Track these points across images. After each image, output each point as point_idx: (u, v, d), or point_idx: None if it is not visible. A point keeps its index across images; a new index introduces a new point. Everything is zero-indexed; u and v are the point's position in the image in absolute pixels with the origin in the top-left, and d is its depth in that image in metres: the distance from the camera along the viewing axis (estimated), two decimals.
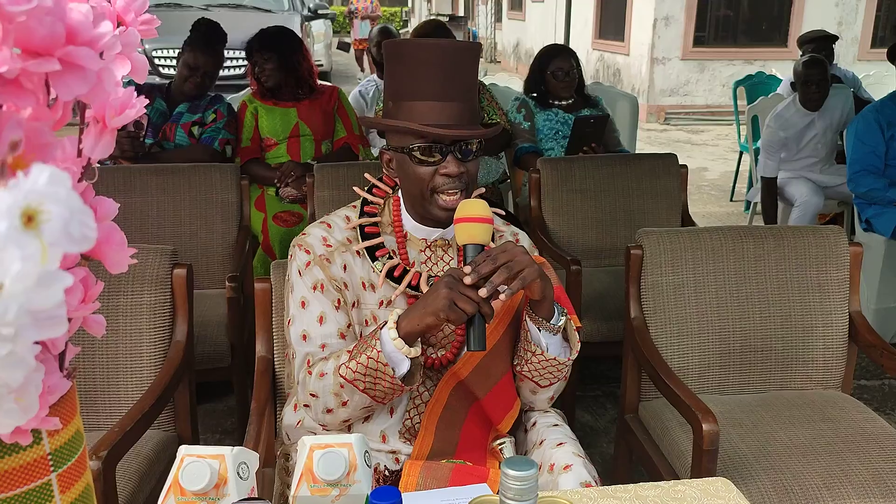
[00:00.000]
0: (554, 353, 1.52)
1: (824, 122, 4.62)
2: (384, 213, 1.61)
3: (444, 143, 1.47)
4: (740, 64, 10.80)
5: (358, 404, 1.46)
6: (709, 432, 1.76)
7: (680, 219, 3.40)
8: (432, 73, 1.45)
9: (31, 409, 0.54)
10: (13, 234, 0.40)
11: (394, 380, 1.40)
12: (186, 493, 0.92)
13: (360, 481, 0.94)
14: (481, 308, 1.34)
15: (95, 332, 0.67)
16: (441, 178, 1.48)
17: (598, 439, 3.02)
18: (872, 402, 3.24)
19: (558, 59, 3.92)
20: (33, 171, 0.41)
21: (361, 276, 1.55)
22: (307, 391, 1.49)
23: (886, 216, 3.68)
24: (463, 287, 1.34)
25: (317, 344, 1.52)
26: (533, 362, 1.54)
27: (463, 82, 1.49)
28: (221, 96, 3.70)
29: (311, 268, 1.55)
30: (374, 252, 1.56)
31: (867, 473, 1.88)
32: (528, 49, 15.44)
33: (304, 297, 1.54)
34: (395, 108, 1.50)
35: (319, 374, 1.47)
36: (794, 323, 2.26)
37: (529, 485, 0.77)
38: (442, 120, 1.46)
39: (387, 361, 1.39)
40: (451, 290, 1.34)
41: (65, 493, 0.65)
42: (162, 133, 3.52)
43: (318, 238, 1.57)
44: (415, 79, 1.47)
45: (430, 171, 1.48)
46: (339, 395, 1.45)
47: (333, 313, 1.53)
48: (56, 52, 0.47)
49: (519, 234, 1.70)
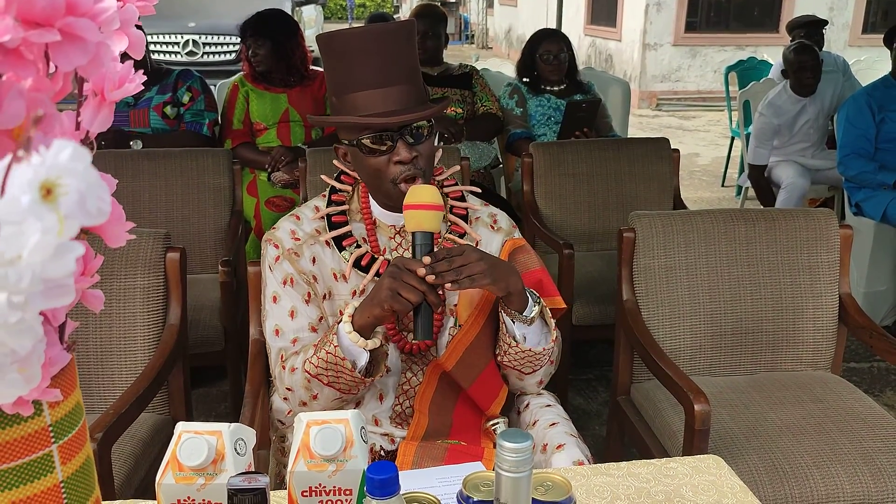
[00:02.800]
0: (531, 344, 1.51)
1: (816, 106, 4.63)
2: (353, 201, 1.59)
3: (391, 131, 1.44)
4: (732, 49, 10.81)
5: (328, 397, 1.46)
6: (700, 412, 1.78)
7: (672, 203, 3.41)
8: (368, 60, 1.42)
9: (33, 380, 0.55)
10: (34, 206, 0.41)
11: (353, 373, 1.40)
12: (184, 468, 0.93)
13: (357, 457, 0.95)
14: (427, 297, 1.33)
15: (94, 307, 0.67)
16: (395, 167, 1.46)
17: (591, 422, 3.05)
18: (862, 384, 3.27)
19: (548, 42, 3.92)
20: (55, 146, 0.42)
21: (332, 266, 1.54)
22: (283, 386, 1.50)
23: (876, 200, 3.70)
24: (407, 276, 1.33)
25: (289, 339, 1.51)
26: (511, 353, 1.53)
27: (402, 64, 1.45)
28: (190, 71, 3.63)
29: (281, 262, 1.54)
30: (341, 242, 1.54)
31: (856, 453, 1.91)
32: (521, 35, 15.41)
33: (275, 292, 1.54)
34: (340, 103, 1.47)
35: (291, 369, 1.47)
36: (785, 305, 2.28)
37: (525, 456, 0.78)
38: (387, 107, 1.43)
39: (344, 356, 1.38)
40: (394, 279, 1.33)
41: (65, 464, 0.65)
42: (132, 122, 3.45)
43: (286, 232, 1.56)
44: (351, 69, 1.43)
45: (384, 161, 1.46)
46: (308, 388, 1.45)
47: (304, 307, 1.52)
48: (56, 23, 0.47)
49: (497, 215, 1.68)
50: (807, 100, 4.60)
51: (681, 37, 10.95)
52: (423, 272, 1.33)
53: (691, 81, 11.13)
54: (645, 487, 1.24)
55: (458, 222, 1.59)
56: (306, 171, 3.00)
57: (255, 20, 3.62)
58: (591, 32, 12.69)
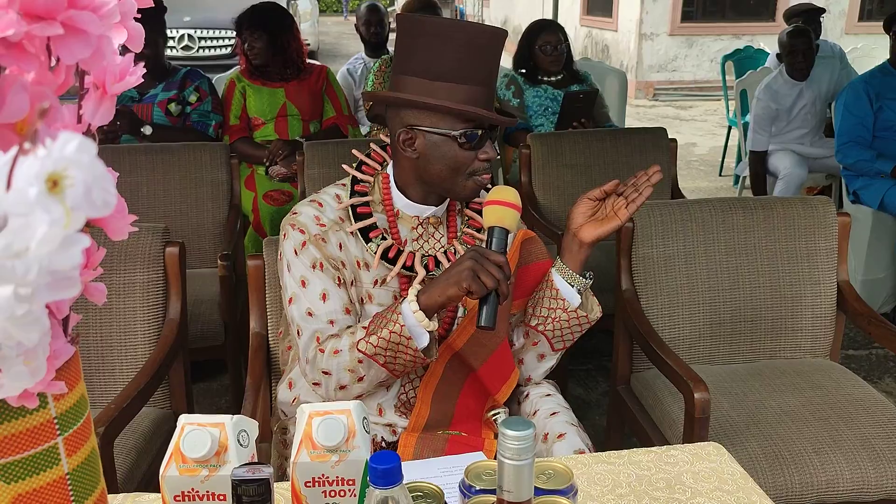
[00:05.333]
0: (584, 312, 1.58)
1: (812, 91, 4.64)
2: (374, 191, 1.60)
3: (484, 128, 1.48)
4: (728, 39, 10.79)
5: (374, 379, 1.47)
6: (700, 400, 1.78)
7: (670, 193, 3.42)
8: (469, 55, 1.44)
9: (38, 372, 0.55)
10: (41, 198, 0.41)
11: (416, 352, 1.42)
12: (188, 460, 0.94)
13: (360, 447, 0.95)
14: (500, 286, 1.36)
15: (97, 300, 0.68)
16: (479, 163, 1.50)
17: (591, 412, 3.06)
18: (860, 371, 3.28)
19: (546, 33, 3.92)
20: (61, 138, 0.42)
21: (356, 255, 1.55)
22: (318, 368, 1.48)
23: (874, 188, 3.71)
24: (487, 262, 1.37)
25: (324, 320, 1.50)
26: (561, 319, 1.58)
27: (492, 67, 1.50)
28: (198, 71, 3.61)
29: (308, 247, 1.53)
30: (367, 233, 1.55)
31: (855, 439, 1.92)
32: (517, 26, 15.36)
33: (303, 276, 1.53)
34: (416, 85, 1.45)
35: (333, 351, 1.46)
36: (783, 293, 2.29)
37: (527, 444, 0.79)
38: (481, 104, 1.46)
39: (410, 335, 1.41)
40: (475, 262, 1.37)
41: (71, 456, 0.66)
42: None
43: (310, 217, 1.55)
44: (444, 58, 1.44)
45: (472, 156, 1.48)
46: (354, 370, 1.45)
47: (336, 290, 1.52)
48: (58, 16, 0.47)
49: None
50: (803, 84, 4.62)
51: (677, 26, 10.93)
52: (502, 260, 1.37)
53: (688, 71, 11.11)
54: (646, 475, 1.24)
55: (475, 217, 1.61)
56: (304, 165, 3.00)
57: (250, 14, 3.60)
58: (588, 23, 12.65)
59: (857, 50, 7.31)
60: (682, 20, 10.94)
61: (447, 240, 1.60)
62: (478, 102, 1.45)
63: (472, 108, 1.44)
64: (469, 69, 1.44)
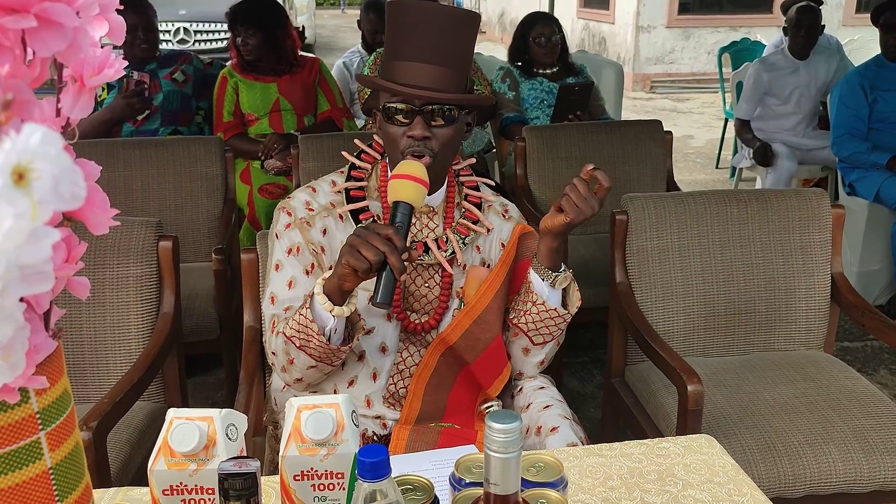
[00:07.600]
0: (555, 304, 1.56)
1: (809, 73, 4.63)
2: (371, 179, 1.61)
3: (413, 105, 1.46)
4: (725, 31, 10.77)
5: (304, 363, 1.46)
6: (693, 392, 1.78)
7: (665, 185, 3.41)
8: (424, 34, 1.44)
9: (17, 367, 0.55)
10: (6, 191, 0.41)
11: (320, 336, 1.40)
12: (176, 454, 0.94)
13: (348, 440, 0.95)
14: (388, 259, 1.30)
15: (80, 294, 0.67)
16: (406, 139, 1.47)
17: (586, 404, 3.06)
18: (855, 363, 3.29)
19: (540, 25, 3.91)
20: (25, 130, 0.42)
21: (342, 239, 1.54)
22: (270, 350, 1.52)
23: (869, 180, 3.71)
24: (371, 236, 1.31)
25: (282, 307, 1.53)
26: (532, 313, 1.56)
27: (454, 48, 1.47)
28: (189, 54, 3.73)
29: (290, 230, 1.56)
30: (357, 216, 1.56)
31: (848, 430, 1.92)
32: (513, 19, 15.32)
33: (278, 261, 1.56)
34: (386, 69, 1.50)
35: (276, 333, 1.49)
36: (778, 285, 2.29)
37: (513, 437, 0.79)
38: (422, 82, 1.44)
39: (312, 318, 1.39)
40: (356, 236, 1.32)
41: (54, 451, 0.66)
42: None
43: (301, 202, 1.58)
44: (407, 39, 1.46)
45: (400, 132, 1.48)
46: (287, 352, 1.47)
47: (303, 278, 1.54)
48: (32, 9, 0.47)
49: (508, 206, 1.71)
50: (801, 64, 4.61)
51: (674, 19, 10.90)
52: (388, 233, 1.32)
53: (685, 63, 11.09)
54: (637, 467, 1.24)
55: (472, 209, 1.61)
56: (299, 159, 2.99)
57: (244, 8, 3.58)
58: (584, 15, 12.62)
59: (855, 42, 7.30)
60: (679, 12, 10.92)
61: (442, 230, 1.60)
62: (419, 79, 1.44)
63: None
64: (419, 48, 1.45)
